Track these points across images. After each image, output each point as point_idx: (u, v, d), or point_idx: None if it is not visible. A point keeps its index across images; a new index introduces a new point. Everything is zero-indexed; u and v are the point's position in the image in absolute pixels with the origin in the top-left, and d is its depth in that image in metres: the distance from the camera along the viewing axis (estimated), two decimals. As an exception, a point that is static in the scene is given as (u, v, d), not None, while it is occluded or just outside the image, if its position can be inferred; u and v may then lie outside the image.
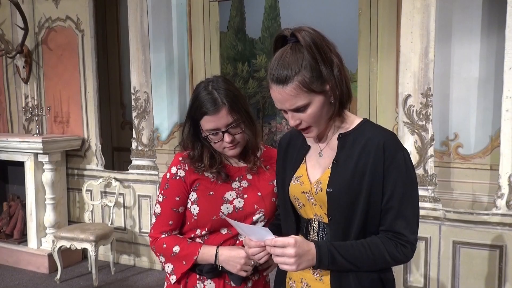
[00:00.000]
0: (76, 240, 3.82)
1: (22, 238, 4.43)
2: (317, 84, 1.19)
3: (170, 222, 1.54)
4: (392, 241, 1.23)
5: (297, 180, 1.34)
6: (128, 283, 3.96)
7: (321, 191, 1.27)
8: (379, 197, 1.23)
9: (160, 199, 1.56)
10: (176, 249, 1.51)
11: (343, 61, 1.25)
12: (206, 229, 1.52)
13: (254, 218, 1.52)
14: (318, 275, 1.32)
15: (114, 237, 4.09)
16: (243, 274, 1.47)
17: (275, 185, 1.57)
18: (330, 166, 1.28)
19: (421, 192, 3.00)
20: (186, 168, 1.54)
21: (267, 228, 1.26)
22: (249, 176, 1.57)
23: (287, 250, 1.18)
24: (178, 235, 1.57)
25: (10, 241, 4.43)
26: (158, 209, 1.57)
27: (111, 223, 4.17)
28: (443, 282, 3.02)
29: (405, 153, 1.26)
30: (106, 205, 4.28)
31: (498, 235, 2.83)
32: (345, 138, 1.29)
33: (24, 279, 4.05)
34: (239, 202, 1.52)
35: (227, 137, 1.46)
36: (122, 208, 4.33)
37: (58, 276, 3.94)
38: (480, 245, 2.89)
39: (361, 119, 1.32)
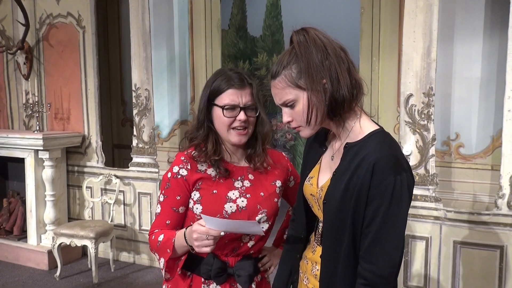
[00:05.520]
0: (76, 237, 3.82)
1: (22, 235, 4.42)
2: (305, 80, 1.17)
3: (167, 222, 1.51)
4: None
5: (309, 181, 1.34)
6: (128, 280, 3.96)
7: (321, 199, 1.25)
8: (361, 220, 1.16)
9: (161, 198, 1.54)
10: (161, 237, 1.48)
11: (350, 66, 1.20)
12: None
13: (257, 218, 1.50)
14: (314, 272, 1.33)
15: (114, 234, 4.09)
16: (205, 250, 1.33)
17: (277, 185, 1.57)
18: (331, 176, 1.24)
19: (422, 192, 3.00)
20: (189, 167, 1.51)
21: (254, 221, 1.28)
22: (250, 176, 1.55)
23: None
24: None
25: (10, 237, 4.43)
26: (158, 209, 1.54)
27: (111, 220, 4.17)
28: (443, 282, 3.02)
29: (398, 179, 1.12)
30: (106, 202, 4.28)
31: (499, 236, 2.83)
32: (350, 149, 1.21)
33: (24, 276, 4.05)
34: (242, 201, 1.50)
35: (242, 115, 1.46)
36: (122, 206, 4.32)
37: (57, 273, 3.94)
38: (480, 245, 2.89)
39: (375, 129, 1.23)
